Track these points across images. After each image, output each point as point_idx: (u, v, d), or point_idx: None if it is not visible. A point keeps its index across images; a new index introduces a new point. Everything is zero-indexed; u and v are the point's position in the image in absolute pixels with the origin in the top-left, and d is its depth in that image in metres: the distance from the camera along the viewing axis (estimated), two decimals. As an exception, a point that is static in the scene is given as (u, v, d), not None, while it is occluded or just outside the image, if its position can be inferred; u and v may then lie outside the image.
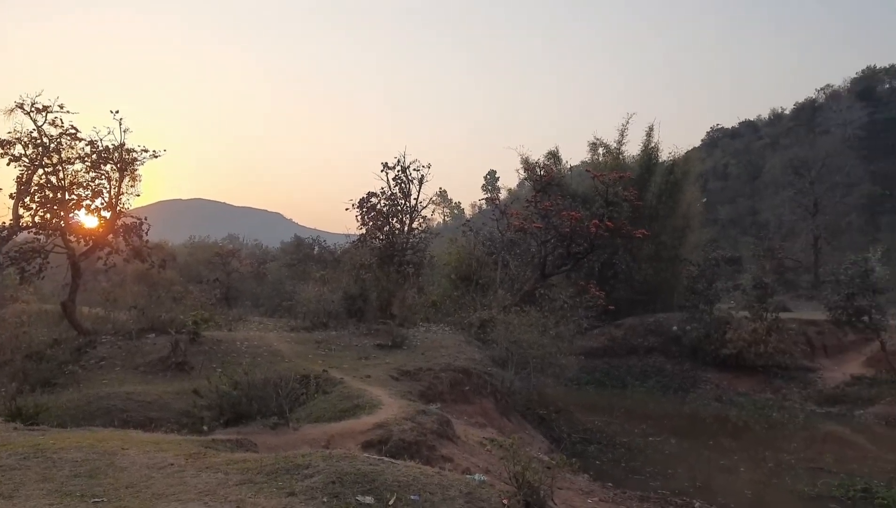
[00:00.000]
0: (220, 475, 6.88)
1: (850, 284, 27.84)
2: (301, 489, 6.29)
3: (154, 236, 33.00)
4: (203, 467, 7.25)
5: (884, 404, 26.52)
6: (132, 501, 5.92)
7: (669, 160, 42.72)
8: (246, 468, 7.06)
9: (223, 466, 7.24)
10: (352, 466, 6.81)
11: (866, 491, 15.57)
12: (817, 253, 54.65)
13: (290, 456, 7.37)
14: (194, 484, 6.50)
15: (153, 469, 7.17)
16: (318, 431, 11.22)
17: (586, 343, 31.75)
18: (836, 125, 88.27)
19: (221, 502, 5.94)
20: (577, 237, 26.45)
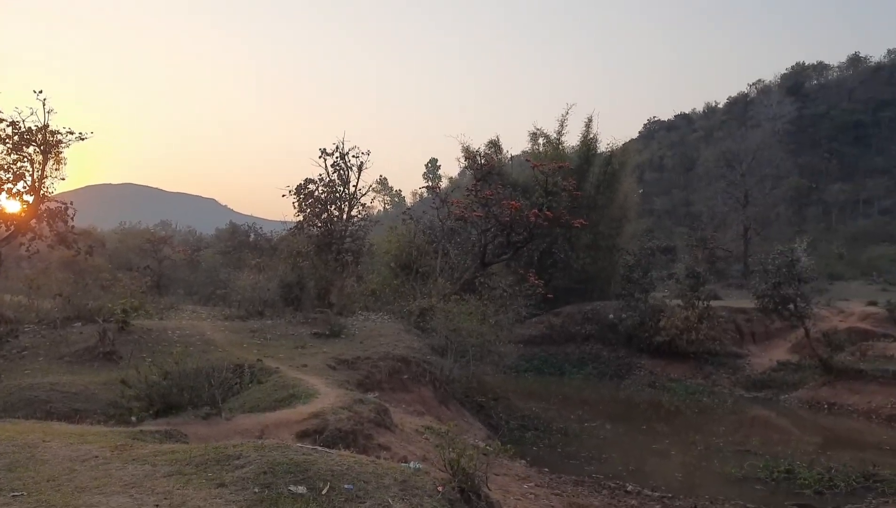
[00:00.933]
0: (148, 466, 6.65)
1: (777, 273, 28.74)
2: (231, 479, 6.12)
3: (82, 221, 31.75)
4: (129, 459, 7.00)
5: (807, 388, 27.64)
6: (54, 495, 5.66)
7: (608, 151, 43.47)
8: (174, 459, 6.84)
9: (150, 458, 7.00)
10: (284, 456, 6.67)
11: (789, 472, 16.19)
12: (747, 243, 56.50)
13: (221, 447, 7.17)
14: (119, 477, 6.27)
15: (76, 461, 6.90)
16: (251, 421, 10.98)
17: (525, 331, 32.12)
18: (766, 119, 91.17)
19: (148, 494, 5.74)
20: (516, 226, 26.62)
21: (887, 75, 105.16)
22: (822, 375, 27.62)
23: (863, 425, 23.54)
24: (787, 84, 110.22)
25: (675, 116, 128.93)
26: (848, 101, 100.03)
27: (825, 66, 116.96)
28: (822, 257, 49.93)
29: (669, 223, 79.94)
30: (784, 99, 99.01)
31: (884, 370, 25.65)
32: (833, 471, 16.17)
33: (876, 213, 79.20)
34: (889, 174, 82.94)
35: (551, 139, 43.32)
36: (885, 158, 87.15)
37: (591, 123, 43.12)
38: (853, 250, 64.34)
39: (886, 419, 23.52)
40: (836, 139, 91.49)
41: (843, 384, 26.41)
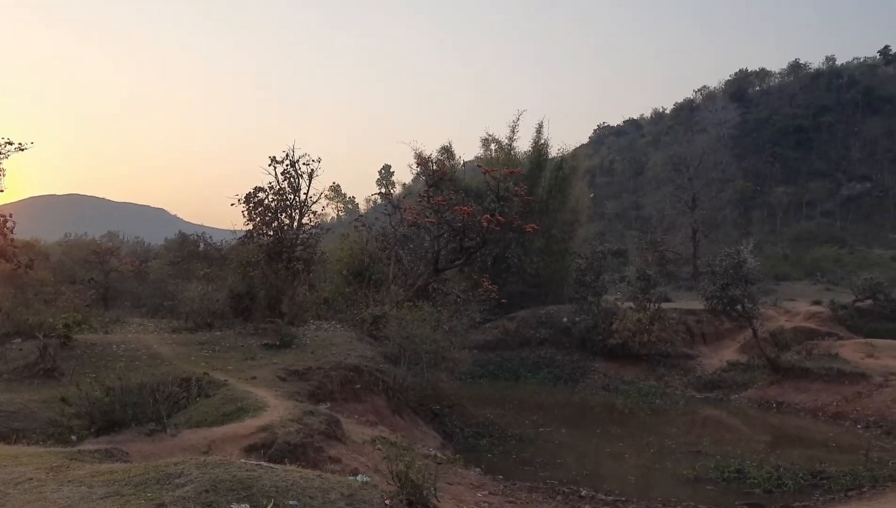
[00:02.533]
0: (84, 488, 6.37)
1: (725, 275, 29.30)
2: (171, 499, 5.88)
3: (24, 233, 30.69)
4: (65, 480, 6.71)
5: (756, 388, 28.23)
6: (-18, 521, 5.37)
7: (559, 156, 43.98)
8: (112, 479, 6.56)
9: (87, 478, 6.71)
10: (227, 472, 6.45)
11: (739, 472, 16.44)
12: (696, 246, 57.63)
13: (162, 465, 6.91)
14: (54, 500, 6.00)
15: (9, 484, 6.58)
16: (197, 436, 10.67)
17: (480, 337, 32.12)
18: (711, 124, 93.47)
19: (83, 518, 5.48)
20: (469, 232, 26.61)
21: (826, 81, 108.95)
22: (770, 374, 28.25)
23: (810, 423, 24.12)
24: (731, 90, 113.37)
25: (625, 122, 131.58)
26: (789, 106, 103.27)
27: (767, 72, 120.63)
28: (768, 259, 51.18)
29: (620, 227, 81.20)
30: (728, 105, 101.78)
31: (828, 369, 26.33)
32: (782, 470, 16.48)
33: (818, 215, 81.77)
34: (830, 177, 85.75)
35: (503, 145, 43.68)
36: (826, 161, 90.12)
37: (542, 129, 43.68)
38: (797, 251, 66.19)
39: (832, 416, 24.13)
40: (779, 143, 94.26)
41: (790, 383, 27.03)
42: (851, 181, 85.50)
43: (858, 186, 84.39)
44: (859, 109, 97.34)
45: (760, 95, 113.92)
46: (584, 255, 37.55)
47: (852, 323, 36.71)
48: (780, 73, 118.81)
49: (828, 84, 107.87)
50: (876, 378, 24.92)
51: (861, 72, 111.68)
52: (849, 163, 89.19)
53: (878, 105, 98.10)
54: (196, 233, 38.71)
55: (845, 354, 27.93)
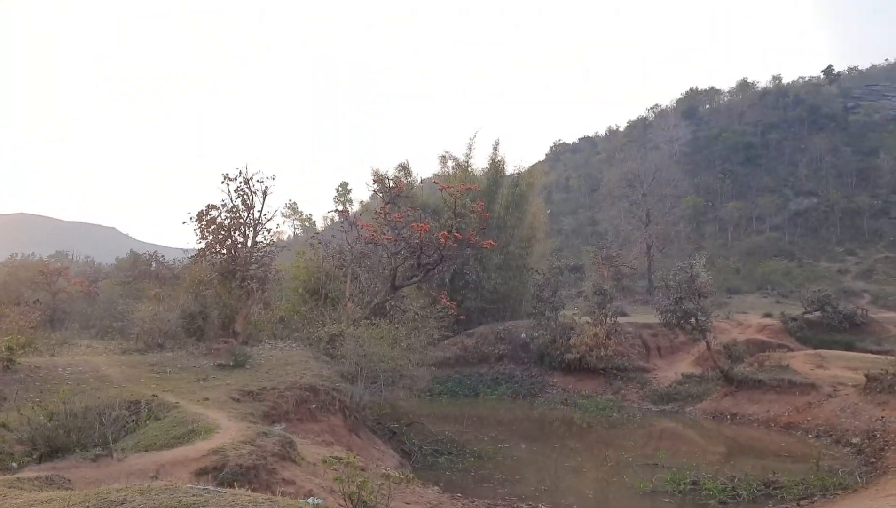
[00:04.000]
0: (21, 518, 6.07)
1: (679, 289, 29.81)
2: (113, 528, 5.63)
3: (-35, 253, 29.67)
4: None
5: (710, 399, 28.65)
6: None
7: (515, 173, 44.31)
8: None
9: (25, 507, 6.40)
10: (173, 499, 6.20)
11: (695, 484, 16.58)
12: (650, 260, 58.52)
13: (104, 492, 6.61)
14: (-12, 532, 5.70)
15: (-59, 517, 6.24)
16: (145, 460, 10.32)
17: (439, 353, 31.99)
18: (664, 142, 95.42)
19: (17, 551, 5.21)
20: (426, 248, 26.55)
21: (773, 100, 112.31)
22: (723, 386, 28.69)
23: (763, 433, 24.51)
24: (683, 108, 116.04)
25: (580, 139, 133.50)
26: (738, 124, 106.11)
27: (717, 91, 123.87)
28: (720, 272, 52.26)
29: (577, 242, 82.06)
30: (680, 122, 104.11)
31: (780, 380, 26.85)
32: (736, 480, 16.66)
33: (768, 229, 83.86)
34: (778, 193, 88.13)
35: (460, 162, 43.88)
36: (774, 177, 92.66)
37: (499, 146, 44.07)
38: (748, 264, 67.72)
39: (784, 426, 24.58)
40: (729, 160, 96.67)
41: (743, 395, 27.49)
42: (799, 196, 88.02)
43: (805, 201, 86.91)
44: (805, 127, 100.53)
45: (711, 112, 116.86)
46: (542, 271, 37.83)
47: (802, 335, 37.69)
48: (730, 91, 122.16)
49: (775, 102, 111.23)
50: (825, 389, 25.49)
51: (806, 90, 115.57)
52: (796, 179, 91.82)
53: (822, 123, 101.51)
54: (148, 252, 37.92)
55: (796, 365, 28.53)
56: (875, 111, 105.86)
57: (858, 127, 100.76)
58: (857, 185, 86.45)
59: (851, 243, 76.79)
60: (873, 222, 79.75)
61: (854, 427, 22.07)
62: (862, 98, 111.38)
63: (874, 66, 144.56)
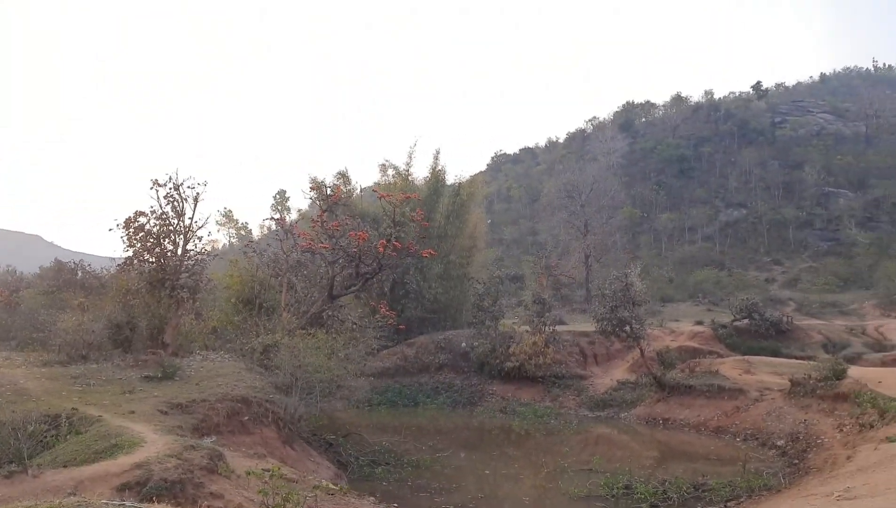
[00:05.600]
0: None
1: (614, 297, 30.31)
2: (21, 548, 5.37)
3: None
4: None
5: (644, 405, 29.25)
6: None
7: (456, 183, 44.49)
8: (-45, 530, 5.94)
9: (-73, 530, 6.05)
10: (86, 516, 5.97)
11: (628, 488, 16.89)
12: (588, 270, 59.52)
13: (12, 511, 6.32)
14: None
15: None
16: (63, 476, 9.89)
17: (378, 364, 31.76)
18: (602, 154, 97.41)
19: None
20: (365, 257, 26.36)
21: (705, 114, 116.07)
22: (657, 392, 29.34)
23: (693, 437, 25.15)
24: (620, 121, 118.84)
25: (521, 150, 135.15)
26: (672, 137, 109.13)
27: (652, 104, 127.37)
28: (654, 281, 53.44)
29: (517, 252, 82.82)
30: (617, 135, 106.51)
31: (710, 385, 27.62)
32: (667, 484, 17.03)
33: (699, 239, 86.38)
34: (709, 204, 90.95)
35: (400, 171, 43.88)
36: (706, 189, 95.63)
37: (440, 156, 44.10)
38: (681, 273, 69.53)
39: (713, 430, 25.27)
40: (664, 172, 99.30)
41: (675, 400, 28.16)
42: (729, 208, 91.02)
43: (735, 212, 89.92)
44: (735, 141, 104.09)
45: (646, 126, 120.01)
46: (482, 280, 38.03)
47: (731, 341, 38.87)
48: (664, 105, 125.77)
49: (707, 116, 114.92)
50: (752, 393, 26.34)
51: (736, 105, 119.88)
52: (726, 191, 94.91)
53: (751, 137, 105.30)
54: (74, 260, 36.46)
55: (725, 371, 29.40)
56: (801, 126, 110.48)
57: (785, 141, 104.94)
58: (783, 197, 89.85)
59: (778, 253, 79.73)
60: (798, 233, 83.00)
61: (779, 430, 22.85)
62: (789, 113, 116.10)
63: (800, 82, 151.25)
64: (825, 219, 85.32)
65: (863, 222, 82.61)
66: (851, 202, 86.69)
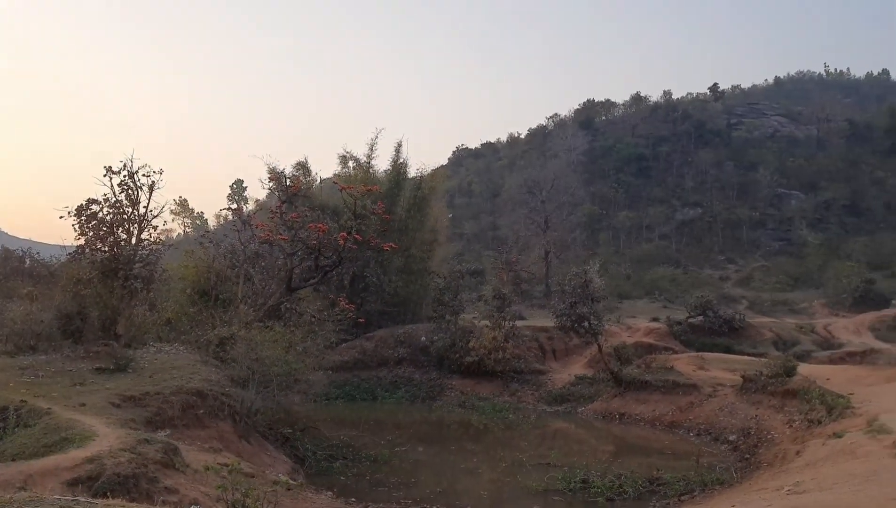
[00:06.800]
0: None
1: (574, 293, 30.58)
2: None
3: None
4: None
5: (601, 400, 29.59)
6: None
7: (418, 176, 44.30)
8: None
9: None
10: (34, 512, 5.74)
11: (585, 482, 17.02)
12: (548, 266, 59.99)
13: (-45, 508, 6.05)
14: None
15: None
16: (11, 471, 9.53)
17: (336, 357, 31.51)
18: (562, 150, 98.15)
19: None
20: (325, 250, 26.04)
21: (663, 114, 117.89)
22: (613, 387, 29.68)
23: (649, 432, 25.53)
24: (580, 119, 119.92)
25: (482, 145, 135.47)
26: (631, 136, 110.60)
27: (612, 103, 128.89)
28: (613, 278, 54.10)
29: (478, 247, 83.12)
30: (577, 132, 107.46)
31: (665, 381, 28.05)
32: (623, 478, 17.22)
33: (657, 237, 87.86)
34: (666, 203, 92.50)
35: (361, 163, 43.48)
36: (663, 188, 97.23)
37: (402, 148, 43.87)
38: (638, 271, 70.57)
39: (668, 425, 25.69)
40: (622, 170, 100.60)
41: (631, 395, 28.54)
42: (685, 207, 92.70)
43: (691, 211, 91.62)
44: (692, 141, 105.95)
45: (606, 124, 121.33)
46: (443, 274, 37.98)
47: (686, 338, 39.62)
48: (624, 104, 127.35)
49: (665, 116, 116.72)
50: (706, 389, 26.84)
51: (694, 106, 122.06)
52: (683, 190, 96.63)
53: (708, 137, 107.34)
54: (22, 248, 35.35)
55: (680, 367, 29.91)
56: (755, 128, 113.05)
57: (740, 143, 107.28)
58: (737, 197, 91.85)
59: (732, 252, 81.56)
60: (752, 233, 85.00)
61: (731, 426, 23.33)
62: (744, 116, 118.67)
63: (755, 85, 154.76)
64: (777, 219, 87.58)
65: (813, 223, 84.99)
66: (803, 204, 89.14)
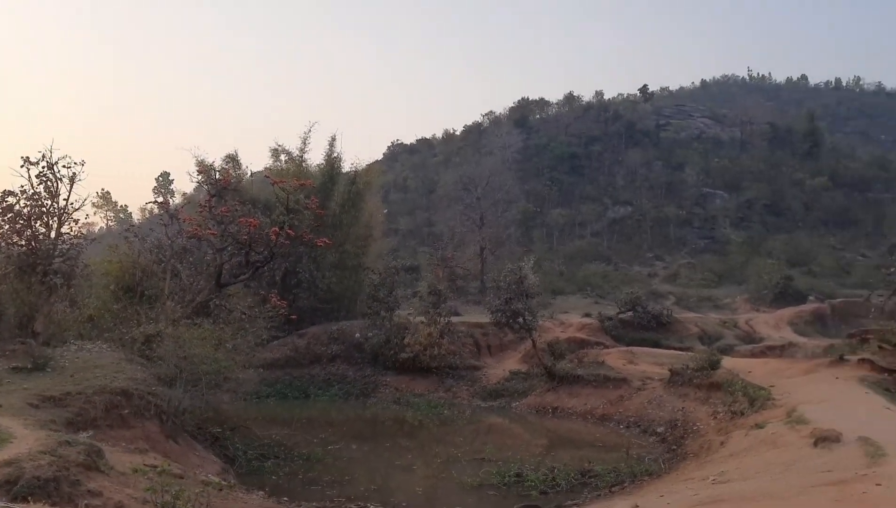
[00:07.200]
0: None
1: (508, 289, 30.80)
2: None
3: None
4: None
5: (535, 395, 29.93)
6: None
7: (352, 171, 43.85)
8: None
9: None
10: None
11: (519, 476, 17.19)
12: (483, 262, 60.26)
13: None
14: None
15: None
16: (-80, 477, 8.94)
17: (268, 355, 30.87)
18: (498, 148, 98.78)
19: None
20: (256, 245, 25.45)
21: (596, 114, 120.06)
22: (547, 382, 30.07)
23: (581, 425, 25.99)
24: (515, 117, 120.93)
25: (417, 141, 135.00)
26: (565, 135, 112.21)
27: (546, 102, 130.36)
28: (546, 275, 54.73)
29: (413, 243, 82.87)
30: (512, 130, 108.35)
31: (596, 375, 28.62)
32: (556, 471, 17.48)
33: (589, 235, 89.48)
34: (598, 201, 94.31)
35: (294, 156, 42.67)
36: (595, 187, 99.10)
37: (335, 142, 43.31)
38: (571, 267, 71.72)
39: (599, 418, 26.20)
40: (556, 169, 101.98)
41: (564, 389, 28.96)
42: (616, 205, 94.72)
43: (621, 209, 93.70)
44: (623, 141, 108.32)
45: (540, 122, 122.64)
46: (378, 270, 37.68)
47: (616, 333, 40.44)
48: (557, 103, 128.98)
49: (597, 116, 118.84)
50: (635, 383, 27.51)
51: (624, 107, 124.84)
52: (614, 189, 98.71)
53: (638, 138, 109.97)
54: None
55: (610, 361, 30.56)
56: (683, 130, 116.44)
57: (668, 143, 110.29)
58: (665, 196, 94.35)
59: (660, 249, 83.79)
60: (679, 231, 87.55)
61: (659, 418, 23.96)
62: (672, 117, 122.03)
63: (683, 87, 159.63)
64: (703, 218, 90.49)
65: (736, 222, 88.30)
66: (726, 203, 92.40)
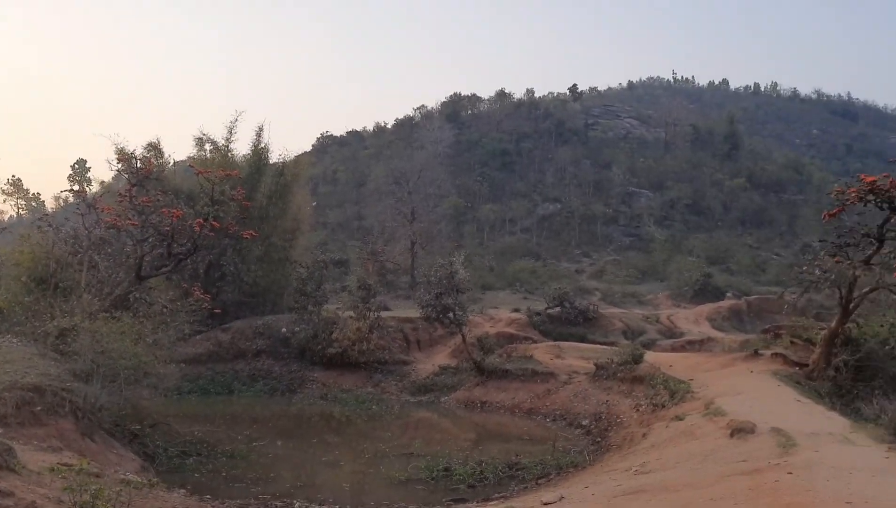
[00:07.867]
0: None
1: (439, 284, 30.82)
2: None
3: None
4: None
5: (464, 389, 30.06)
6: None
7: (280, 162, 43.00)
8: None
9: None
10: None
11: (447, 470, 17.21)
12: (414, 257, 60.24)
13: None
14: None
15: None
16: None
17: (190, 350, 29.99)
18: (429, 142, 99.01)
19: None
20: (178, 237, 24.55)
21: (526, 111, 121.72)
22: (476, 376, 30.25)
23: (508, 419, 26.24)
24: (447, 111, 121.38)
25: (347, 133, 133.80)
26: (496, 131, 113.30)
27: (478, 98, 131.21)
28: (477, 270, 55.10)
29: (343, 236, 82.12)
30: (444, 125, 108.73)
31: (524, 370, 28.95)
32: (484, 464, 17.57)
33: (519, 231, 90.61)
34: (528, 198, 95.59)
35: (219, 146, 41.43)
36: (525, 183, 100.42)
37: (263, 133, 42.35)
38: (501, 263, 72.43)
39: (527, 412, 26.53)
40: (487, 164, 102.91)
41: (493, 384, 29.20)
42: (545, 202, 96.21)
43: (551, 206, 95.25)
44: (553, 139, 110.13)
45: (472, 118, 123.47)
46: (306, 264, 37.03)
47: (544, 328, 41.09)
48: (489, 99, 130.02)
49: (528, 114, 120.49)
50: (562, 377, 27.97)
51: (554, 105, 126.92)
52: (544, 186, 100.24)
53: (567, 136, 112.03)
54: None
55: (538, 356, 30.97)
56: (610, 129, 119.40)
57: (596, 142, 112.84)
58: (593, 194, 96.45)
59: (587, 246, 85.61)
60: (605, 228, 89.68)
61: (584, 411, 24.43)
62: (600, 116, 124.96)
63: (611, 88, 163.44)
64: (628, 216, 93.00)
65: (660, 220, 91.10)
66: (651, 202, 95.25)
